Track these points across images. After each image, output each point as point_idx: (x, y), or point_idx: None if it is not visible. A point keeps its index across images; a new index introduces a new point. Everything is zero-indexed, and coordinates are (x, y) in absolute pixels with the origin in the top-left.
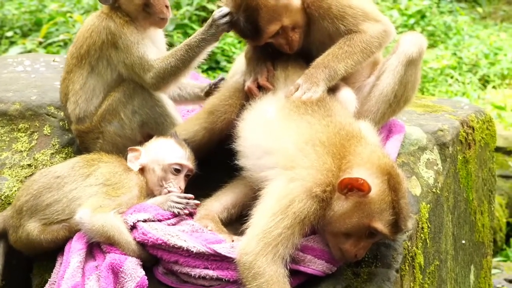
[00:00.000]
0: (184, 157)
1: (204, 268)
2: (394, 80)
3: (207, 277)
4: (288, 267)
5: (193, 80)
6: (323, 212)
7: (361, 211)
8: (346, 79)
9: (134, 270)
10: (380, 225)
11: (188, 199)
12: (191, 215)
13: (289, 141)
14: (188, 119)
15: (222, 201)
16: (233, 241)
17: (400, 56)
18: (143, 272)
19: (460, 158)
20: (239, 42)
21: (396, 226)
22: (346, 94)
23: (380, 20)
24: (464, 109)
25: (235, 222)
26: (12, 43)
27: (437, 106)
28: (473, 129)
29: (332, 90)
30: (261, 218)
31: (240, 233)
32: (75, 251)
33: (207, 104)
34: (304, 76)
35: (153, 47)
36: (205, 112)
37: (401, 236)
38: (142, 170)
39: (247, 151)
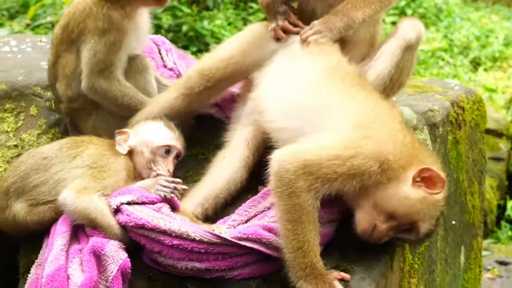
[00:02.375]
0: (173, 138)
1: (190, 260)
2: (391, 64)
3: (194, 269)
4: None
5: (181, 59)
6: (377, 182)
7: (420, 206)
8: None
9: (116, 253)
10: (423, 228)
11: (177, 183)
12: (173, 209)
13: (364, 105)
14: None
15: (193, 197)
16: (213, 230)
17: (398, 40)
18: (126, 255)
19: (450, 138)
20: (229, 24)
21: (427, 235)
22: None
23: None
24: (454, 90)
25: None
26: None
27: (427, 86)
28: (464, 109)
29: None
30: (316, 148)
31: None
32: (59, 233)
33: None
34: (321, 20)
35: (126, 53)
36: (183, 77)
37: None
38: (130, 153)
39: (290, 107)
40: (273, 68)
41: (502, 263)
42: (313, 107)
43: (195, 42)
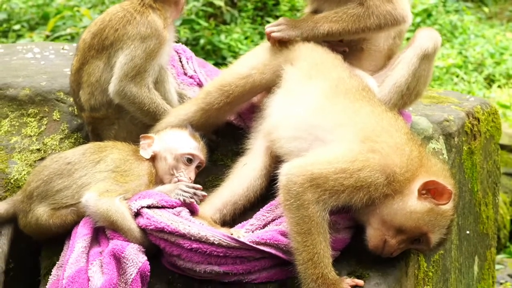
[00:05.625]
0: (197, 148)
1: (208, 264)
2: (408, 72)
3: (213, 272)
4: None
5: (201, 67)
6: (383, 195)
7: (427, 217)
8: (362, 67)
9: (135, 256)
10: (434, 239)
11: (196, 189)
12: (192, 213)
13: (369, 119)
14: (187, 101)
15: (212, 203)
16: (232, 234)
17: (416, 49)
18: (145, 258)
19: (466, 148)
20: (246, 38)
21: (439, 244)
22: (370, 83)
23: (394, 3)
24: (469, 101)
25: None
26: (19, 36)
27: (443, 97)
28: (479, 120)
29: None
30: (323, 162)
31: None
32: (80, 236)
33: (207, 85)
34: (290, 19)
35: (159, 63)
36: (203, 93)
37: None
38: (153, 158)
39: (298, 131)
40: (279, 97)
41: None
42: (319, 126)
43: (212, 56)
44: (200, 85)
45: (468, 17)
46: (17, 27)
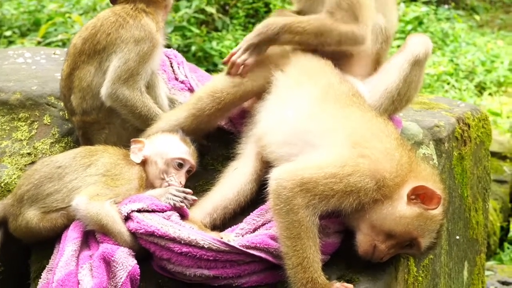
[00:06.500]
0: (187, 153)
1: (198, 267)
2: (400, 78)
3: (203, 276)
4: None
5: (192, 72)
6: (373, 200)
7: (417, 222)
8: (351, 71)
9: (125, 259)
10: (424, 243)
11: (187, 193)
12: (182, 217)
13: (359, 124)
14: (178, 106)
15: (202, 207)
16: (222, 238)
17: (407, 55)
18: (135, 261)
19: (456, 154)
20: (237, 45)
21: (430, 248)
22: (361, 89)
23: (360, 22)
24: (460, 107)
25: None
26: (10, 42)
27: (433, 103)
28: (469, 126)
29: None
30: (313, 167)
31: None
32: (70, 239)
33: (198, 90)
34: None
35: (151, 67)
36: (194, 98)
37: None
38: (144, 163)
39: (288, 137)
40: (269, 103)
41: (504, 283)
42: (309, 132)
43: (204, 62)
44: (191, 90)
45: (459, 25)
46: (8, 33)
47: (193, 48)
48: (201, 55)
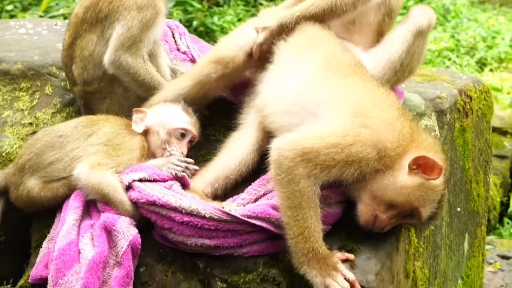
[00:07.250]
0: (189, 123)
1: (199, 237)
2: (402, 48)
3: (204, 245)
4: None
5: (194, 43)
6: (374, 170)
7: (418, 192)
8: (353, 41)
9: (127, 229)
10: (425, 213)
11: (188, 163)
12: (184, 187)
13: (361, 94)
14: (181, 75)
15: (204, 177)
16: (223, 207)
17: (410, 26)
18: (136, 231)
19: (457, 126)
20: (238, 20)
21: (430, 218)
22: (363, 59)
23: None
24: (462, 79)
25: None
26: (12, 16)
27: (435, 75)
28: (471, 98)
29: None
30: (314, 136)
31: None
32: (71, 209)
33: (202, 59)
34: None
35: (154, 34)
36: (199, 66)
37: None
38: (145, 133)
39: (290, 106)
40: (271, 73)
41: (504, 257)
42: (311, 101)
43: (205, 37)
44: (193, 61)
45: (461, 1)
46: (10, 7)
47: (195, 23)
48: (203, 30)
